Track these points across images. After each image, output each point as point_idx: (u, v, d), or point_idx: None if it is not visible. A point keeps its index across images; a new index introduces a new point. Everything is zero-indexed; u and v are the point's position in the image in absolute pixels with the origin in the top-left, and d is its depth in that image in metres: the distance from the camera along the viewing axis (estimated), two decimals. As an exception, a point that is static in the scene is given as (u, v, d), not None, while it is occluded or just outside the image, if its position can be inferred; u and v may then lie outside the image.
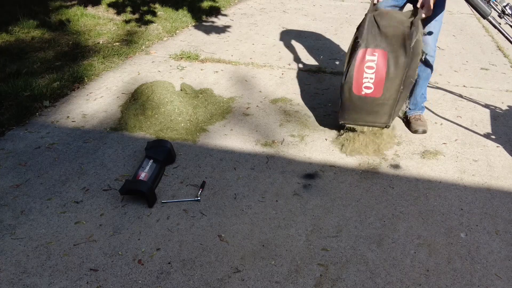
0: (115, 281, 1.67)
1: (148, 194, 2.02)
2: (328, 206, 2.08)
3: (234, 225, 1.96)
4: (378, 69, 2.20)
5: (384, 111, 2.32)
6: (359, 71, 2.22)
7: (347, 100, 2.31)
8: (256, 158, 2.45)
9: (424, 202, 2.12)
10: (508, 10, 2.13)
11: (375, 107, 2.30)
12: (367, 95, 2.26)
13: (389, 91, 2.23)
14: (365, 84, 2.24)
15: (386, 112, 2.32)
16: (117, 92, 3.17)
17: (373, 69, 2.21)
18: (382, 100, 2.26)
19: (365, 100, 2.28)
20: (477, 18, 5.40)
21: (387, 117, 2.34)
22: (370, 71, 2.21)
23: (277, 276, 1.70)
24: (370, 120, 2.38)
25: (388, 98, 2.26)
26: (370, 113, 2.34)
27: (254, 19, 5.21)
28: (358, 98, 2.28)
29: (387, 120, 2.35)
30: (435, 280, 1.70)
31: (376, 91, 2.24)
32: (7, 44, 3.89)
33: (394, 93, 2.25)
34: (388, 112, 2.32)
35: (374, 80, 2.22)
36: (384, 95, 2.25)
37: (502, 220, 2.01)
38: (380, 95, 2.25)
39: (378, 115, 2.34)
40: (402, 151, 2.52)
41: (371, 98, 2.27)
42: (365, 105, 2.30)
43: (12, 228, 1.92)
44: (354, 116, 2.39)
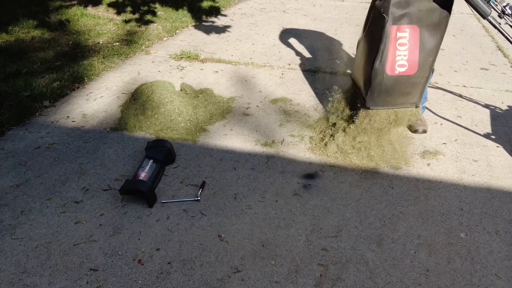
0: (115, 281, 1.67)
1: (148, 194, 2.02)
2: (328, 206, 2.08)
3: (234, 225, 1.96)
4: (411, 45, 2.13)
5: (416, 90, 2.26)
6: (392, 49, 2.14)
7: (379, 83, 2.22)
8: (256, 158, 2.45)
9: (424, 202, 2.12)
10: (508, 10, 2.13)
11: (408, 86, 2.23)
12: (400, 73, 2.18)
13: (424, 67, 2.18)
14: (398, 62, 2.16)
15: (418, 91, 2.27)
16: (117, 92, 3.17)
17: (406, 46, 2.13)
18: (416, 78, 2.20)
19: (398, 80, 2.21)
20: (477, 18, 5.40)
21: (418, 96, 2.30)
22: (403, 48, 2.14)
23: (277, 276, 1.70)
24: (401, 101, 2.32)
25: (422, 76, 2.20)
26: (402, 94, 2.26)
27: (254, 19, 5.21)
28: (392, 78, 2.20)
29: (418, 99, 2.31)
30: (435, 280, 1.70)
31: (410, 68, 2.17)
32: (7, 44, 3.89)
33: (428, 69, 2.20)
34: (420, 91, 2.27)
35: (408, 57, 2.15)
36: (419, 73, 2.19)
37: (502, 220, 2.01)
38: (414, 72, 2.19)
39: (410, 96, 2.28)
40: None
41: (405, 76, 2.20)
42: (398, 85, 2.23)
43: (12, 228, 1.92)
44: (386, 99, 2.30)
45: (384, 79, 2.21)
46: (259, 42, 4.35)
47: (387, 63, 2.17)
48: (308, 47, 4.19)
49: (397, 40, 2.15)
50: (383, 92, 2.26)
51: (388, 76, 2.20)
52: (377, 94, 2.27)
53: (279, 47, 4.20)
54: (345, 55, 4.03)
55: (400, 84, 2.23)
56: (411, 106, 2.35)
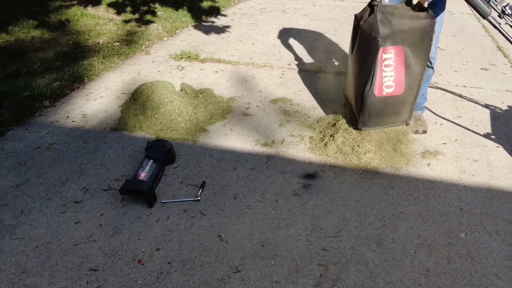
0: (115, 281, 1.67)
1: (148, 194, 2.02)
2: (328, 206, 2.08)
3: (234, 225, 1.96)
4: (396, 66, 2.15)
5: (406, 109, 2.29)
6: (379, 71, 2.16)
7: (369, 105, 2.25)
8: (256, 158, 2.45)
9: (424, 202, 2.12)
10: (508, 10, 2.13)
11: (397, 106, 2.26)
12: (388, 94, 2.21)
13: (411, 87, 2.20)
14: (385, 83, 2.19)
15: (407, 110, 2.30)
16: (117, 92, 3.17)
17: (392, 67, 2.15)
18: (404, 97, 2.22)
19: (387, 101, 2.23)
20: (477, 18, 5.40)
21: (407, 115, 2.33)
22: (388, 69, 2.16)
23: (277, 276, 1.70)
24: (391, 121, 2.35)
25: (410, 95, 2.22)
26: (391, 114, 2.29)
27: (254, 19, 5.21)
28: (380, 100, 2.22)
29: (407, 118, 2.35)
30: (435, 280, 1.70)
31: (398, 89, 2.19)
32: (7, 44, 3.89)
33: (415, 88, 2.22)
34: (409, 110, 2.31)
35: (394, 77, 2.16)
36: (406, 92, 2.21)
37: (502, 220, 2.01)
38: (401, 92, 2.21)
39: (399, 115, 2.31)
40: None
41: (393, 97, 2.22)
42: (387, 106, 2.25)
43: (12, 228, 1.92)
44: (376, 120, 2.33)
45: (373, 101, 2.24)
46: (259, 42, 4.35)
47: (375, 86, 2.20)
48: (308, 47, 4.19)
49: (383, 61, 2.16)
50: (373, 114, 2.31)
51: (376, 98, 2.23)
52: (367, 116, 2.32)
53: (279, 47, 4.20)
54: (345, 55, 4.02)
55: (389, 105, 2.27)
56: (401, 124, 2.41)
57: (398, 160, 2.39)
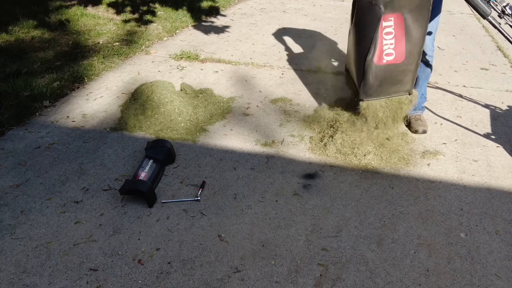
0: (115, 281, 1.67)
1: (148, 194, 2.02)
2: (328, 206, 2.08)
3: (234, 225, 1.96)
4: (396, 33, 2.14)
5: (407, 78, 2.27)
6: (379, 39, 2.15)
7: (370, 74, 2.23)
8: (256, 158, 2.45)
9: (424, 202, 2.12)
10: (508, 10, 2.13)
11: (398, 75, 2.24)
12: (389, 62, 2.20)
13: (411, 54, 2.19)
14: (386, 51, 2.18)
15: (409, 79, 2.28)
16: (117, 92, 3.17)
17: (392, 34, 2.15)
18: (405, 65, 2.21)
19: (387, 69, 2.22)
20: (477, 18, 5.40)
21: (410, 84, 2.31)
22: (388, 37, 2.15)
23: (277, 276, 1.70)
24: (394, 90, 2.32)
25: (410, 63, 2.21)
26: (393, 82, 2.28)
27: (254, 19, 5.21)
28: (381, 68, 2.22)
29: (410, 87, 2.33)
30: (435, 280, 1.70)
31: (398, 56, 2.18)
32: (7, 44, 3.89)
33: (416, 56, 2.20)
34: (411, 78, 2.28)
35: (394, 45, 2.16)
36: (407, 60, 2.20)
37: (502, 220, 2.01)
38: (402, 60, 2.19)
39: (401, 84, 2.29)
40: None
41: (393, 65, 2.21)
42: (388, 74, 2.24)
43: (12, 228, 1.92)
44: (378, 90, 2.31)
45: (373, 69, 2.21)
46: (259, 42, 4.35)
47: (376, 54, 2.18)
48: (308, 47, 4.19)
49: (383, 29, 2.15)
50: (375, 83, 2.27)
51: (376, 66, 2.21)
52: (369, 86, 2.28)
53: (279, 47, 4.20)
54: (345, 55, 4.02)
55: (390, 72, 2.24)
56: (404, 93, 2.36)
57: (397, 162, 2.39)
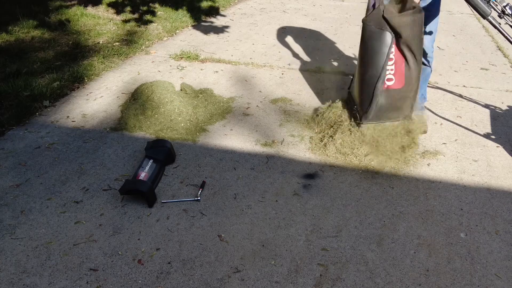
0: (115, 281, 1.67)
1: (148, 194, 2.02)
2: (328, 206, 2.08)
3: (234, 225, 1.96)
4: (396, 59, 2.22)
5: (406, 104, 2.34)
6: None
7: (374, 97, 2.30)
8: (256, 158, 2.45)
9: (424, 202, 2.12)
10: (508, 10, 2.13)
11: (398, 101, 2.31)
12: (389, 87, 2.27)
13: (410, 80, 2.25)
14: (387, 77, 2.26)
15: (408, 105, 2.35)
16: (117, 92, 3.17)
17: (392, 61, 2.23)
18: (404, 91, 2.28)
19: (388, 94, 2.28)
20: (477, 18, 5.40)
21: (409, 110, 2.38)
22: (390, 62, 2.23)
23: (277, 276, 1.70)
24: (394, 116, 2.39)
25: (409, 90, 2.28)
26: (393, 108, 2.34)
27: (254, 19, 5.21)
28: (382, 91, 2.28)
29: (409, 113, 2.40)
30: (435, 280, 1.70)
31: (398, 82, 2.26)
32: (7, 44, 3.89)
33: (415, 82, 2.27)
34: (410, 105, 2.36)
35: (395, 71, 2.24)
36: (406, 86, 2.27)
37: (502, 220, 2.01)
38: (401, 86, 2.26)
39: (400, 110, 2.36)
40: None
41: (393, 90, 2.28)
42: (388, 99, 2.30)
43: (12, 228, 1.92)
44: (378, 114, 2.37)
45: (379, 93, 2.28)
46: (259, 42, 4.35)
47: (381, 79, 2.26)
48: (308, 47, 4.19)
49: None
50: (376, 108, 2.34)
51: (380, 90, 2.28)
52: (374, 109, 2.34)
53: (279, 47, 4.20)
54: (345, 55, 4.03)
55: (391, 98, 2.31)
56: (404, 118, 2.42)
57: (397, 162, 2.38)
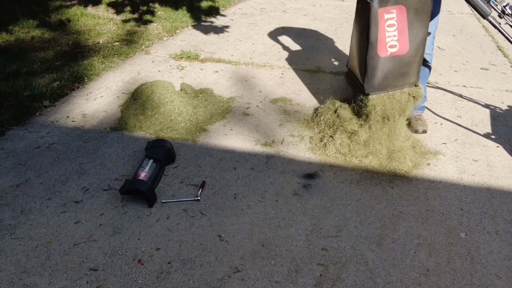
0: (115, 281, 1.67)
1: (148, 194, 2.02)
2: (328, 206, 2.08)
3: (234, 225, 1.96)
4: (399, 25, 2.17)
5: (413, 70, 2.29)
6: (381, 31, 2.18)
7: (374, 66, 2.25)
8: (256, 158, 2.45)
9: (424, 202, 2.12)
10: (508, 10, 2.13)
11: (404, 67, 2.26)
12: (393, 54, 2.22)
13: (416, 46, 2.22)
14: (389, 43, 2.21)
15: (415, 71, 2.30)
16: (117, 92, 3.17)
17: (394, 26, 2.18)
18: (410, 57, 2.23)
19: (392, 60, 2.24)
20: (477, 18, 5.40)
21: (415, 76, 2.33)
22: (391, 29, 2.18)
23: (277, 276, 1.70)
24: (400, 83, 2.33)
25: (415, 55, 2.24)
26: (399, 75, 2.29)
27: (254, 19, 5.21)
28: (385, 60, 2.24)
29: (416, 79, 2.34)
30: (435, 280, 1.70)
31: (402, 48, 2.21)
32: (7, 44, 3.89)
33: (420, 47, 2.23)
34: (416, 70, 2.31)
35: (398, 37, 2.19)
36: (411, 51, 2.22)
37: (502, 220, 2.01)
38: (406, 51, 2.22)
39: (407, 76, 2.31)
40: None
41: (397, 57, 2.23)
42: (392, 66, 2.25)
43: (12, 228, 1.92)
44: (384, 83, 2.31)
45: (378, 61, 2.23)
46: (259, 42, 4.35)
47: (378, 46, 2.20)
48: (308, 47, 4.19)
49: (386, 21, 2.17)
50: (379, 74, 2.28)
51: (381, 58, 2.23)
52: (374, 78, 2.28)
53: (279, 47, 4.20)
54: (345, 55, 4.02)
55: (395, 64, 2.25)
56: (410, 86, 2.36)
57: (400, 163, 2.37)
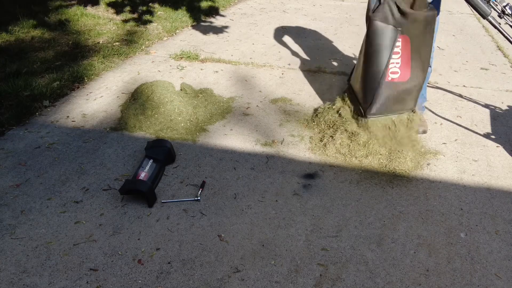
0: (115, 281, 1.67)
1: (148, 194, 2.02)
2: (328, 206, 2.08)
3: (234, 225, 1.96)
4: (403, 53, 2.24)
5: (411, 97, 2.35)
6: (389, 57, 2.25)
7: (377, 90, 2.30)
8: (256, 158, 2.45)
9: (424, 202, 2.12)
10: (508, 10, 2.13)
11: (402, 93, 2.31)
12: (394, 80, 2.28)
13: (416, 74, 2.27)
14: (391, 70, 2.26)
15: (412, 98, 2.36)
16: (117, 92, 3.17)
17: (399, 54, 2.24)
18: (409, 84, 2.29)
19: (392, 86, 2.29)
20: (477, 18, 5.40)
21: (413, 103, 2.39)
22: (396, 56, 2.25)
23: (277, 276, 1.70)
24: (398, 109, 2.39)
25: (414, 83, 2.29)
26: (397, 101, 2.34)
27: (254, 19, 5.21)
28: (386, 85, 2.28)
29: (413, 105, 2.40)
30: (435, 280, 1.70)
31: (403, 75, 2.27)
32: (7, 44, 3.89)
33: (421, 76, 2.28)
34: (414, 97, 2.37)
35: (400, 64, 2.26)
36: (411, 79, 2.28)
37: (502, 220, 2.01)
38: (406, 79, 2.28)
39: (405, 102, 2.36)
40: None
41: (398, 83, 2.29)
42: (392, 91, 2.30)
43: (12, 228, 1.92)
44: (382, 107, 2.36)
45: (383, 86, 2.28)
46: (259, 42, 4.35)
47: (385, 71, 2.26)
48: (308, 47, 4.19)
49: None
50: (379, 100, 2.33)
51: (383, 83, 2.28)
52: (374, 102, 2.33)
53: (279, 47, 4.20)
54: (345, 55, 4.03)
55: (395, 90, 2.31)
56: (407, 111, 2.42)
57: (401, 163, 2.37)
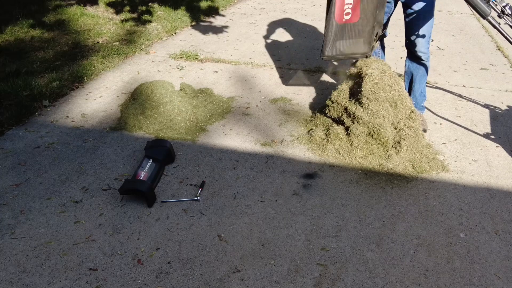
0: (114, 281, 1.67)
1: (147, 193, 2.02)
2: (328, 206, 2.08)
3: (233, 225, 1.96)
4: None
5: (363, 40, 2.36)
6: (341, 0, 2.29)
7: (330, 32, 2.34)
8: (255, 157, 2.45)
9: (424, 202, 2.12)
10: (507, 10, 2.13)
11: (354, 35, 2.34)
12: (346, 21, 2.31)
13: (365, 15, 2.28)
14: (345, 11, 2.29)
15: (366, 41, 2.37)
16: (117, 92, 3.17)
17: None
18: (360, 25, 2.31)
19: (345, 28, 2.32)
20: (477, 18, 5.40)
21: (367, 46, 2.39)
22: None
23: (277, 276, 1.70)
24: (351, 51, 2.40)
25: (365, 24, 2.31)
26: (349, 44, 2.37)
27: (253, 18, 5.21)
28: (339, 26, 2.32)
29: (367, 49, 2.40)
30: (434, 280, 1.70)
31: (354, 16, 2.30)
32: (6, 44, 3.89)
33: (371, 17, 2.29)
34: (368, 41, 2.37)
35: (352, 4, 2.28)
36: (362, 20, 2.30)
37: (501, 220, 2.01)
38: (357, 19, 2.30)
39: (357, 45, 2.38)
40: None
41: (350, 24, 2.31)
42: (345, 33, 2.34)
43: (11, 228, 1.92)
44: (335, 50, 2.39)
45: (334, 27, 2.32)
46: (258, 42, 4.35)
47: (336, 12, 2.29)
48: (308, 47, 4.19)
49: None
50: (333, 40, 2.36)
51: (337, 25, 2.32)
52: (328, 43, 2.37)
53: (279, 47, 4.20)
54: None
55: (347, 32, 2.34)
56: (361, 56, 2.43)
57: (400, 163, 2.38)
